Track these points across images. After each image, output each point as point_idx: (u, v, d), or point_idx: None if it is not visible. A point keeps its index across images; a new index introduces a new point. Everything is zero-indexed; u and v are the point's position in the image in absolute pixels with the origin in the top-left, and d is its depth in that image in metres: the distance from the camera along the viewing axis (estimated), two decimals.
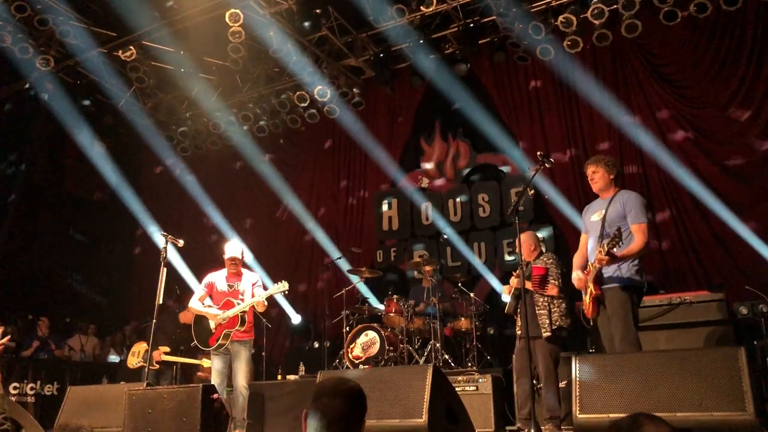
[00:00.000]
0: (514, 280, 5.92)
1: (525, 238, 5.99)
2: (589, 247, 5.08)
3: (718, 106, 8.61)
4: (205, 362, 7.81)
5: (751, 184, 8.27)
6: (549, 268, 5.69)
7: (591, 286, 4.81)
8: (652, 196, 8.82)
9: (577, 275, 5.04)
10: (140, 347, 8.57)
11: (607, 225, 4.87)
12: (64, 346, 10.69)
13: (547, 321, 5.57)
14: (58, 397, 8.64)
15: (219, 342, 6.21)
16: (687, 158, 8.60)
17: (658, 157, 8.70)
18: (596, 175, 5.09)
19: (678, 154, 8.62)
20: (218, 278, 6.56)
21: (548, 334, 5.55)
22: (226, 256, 6.53)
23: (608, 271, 4.79)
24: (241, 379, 6.19)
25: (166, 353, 8.05)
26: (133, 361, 8.49)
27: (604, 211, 4.95)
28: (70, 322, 11.51)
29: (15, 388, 8.83)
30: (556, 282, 5.67)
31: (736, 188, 8.33)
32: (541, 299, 5.64)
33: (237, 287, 6.45)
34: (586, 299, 4.89)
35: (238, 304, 6.30)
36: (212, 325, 6.31)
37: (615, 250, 4.55)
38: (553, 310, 5.62)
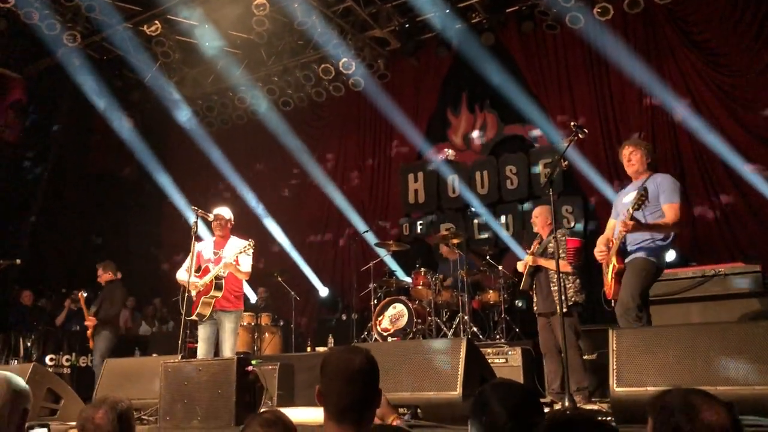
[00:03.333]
0: (529, 258, 5.87)
1: (540, 211, 5.94)
2: (616, 230, 4.88)
3: (753, 74, 8.39)
4: None
5: None
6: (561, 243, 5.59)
7: (614, 259, 4.64)
8: (683, 166, 8.68)
9: (599, 249, 4.91)
10: None
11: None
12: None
13: (563, 297, 5.53)
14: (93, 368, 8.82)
15: (198, 311, 5.89)
16: (720, 127, 8.41)
17: (691, 126, 8.51)
18: (634, 157, 4.89)
19: (711, 123, 8.42)
20: (206, 246, 6.30)
21: (564, 310, 5.51)
22: (210, 217, 6.22)
23: (632, 244, 4.62)
24: (227, 350, 5.85)
25: None
26: None
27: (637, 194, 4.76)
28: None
29: (51, 359, 9.00)
30: (570, 258, 5.63)
31: None
32: (555, 276, 5.57)
33: (221, 254, 6.10)
34: (608, 277, 4.70)
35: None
36: (193, 294, 5.99)
37: (641, 215, 4.40)
38: (567, 286, 5.58)
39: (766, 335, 3.33)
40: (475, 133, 10.69)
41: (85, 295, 8.44)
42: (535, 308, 5.91)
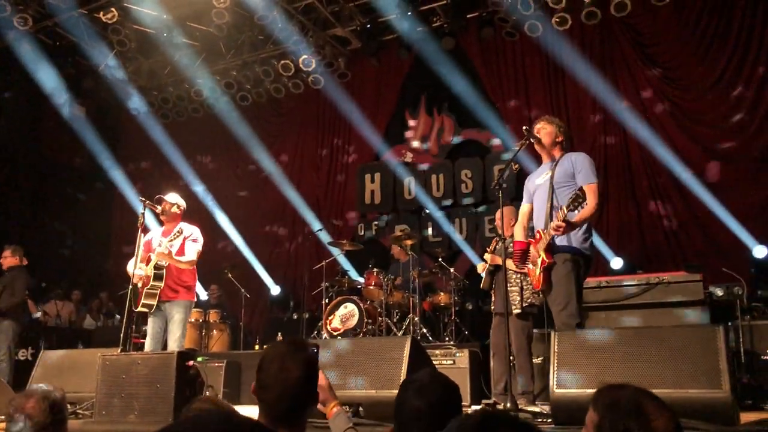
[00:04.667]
0: (488, 256, 5.90)
1: (506, 212, 5.95)
2: (535, 214, 4.73)
3: (703, 88, 8.64)
4: None
5: (734, 166, 8.32)
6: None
7: (542, 254, 4.40)
8: (633, 175, 8.87)
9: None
10: None
11: (556, 186, 4.49)
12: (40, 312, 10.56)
13: (518, 297, 5.55)
14: (33, 361, 8.48)
15: (143, 302, 5.64)
16: (670, 139, 8.62)
17: (642, 136, 8.72)
18: (543, 131, 4.65)
19: (661, 134, 8.64)
20: (155, 235, 6.05)
21: (518, 310, 5.52)
22: (158, 208, 5.94)
23: (558, 239, 4.40)
24: (173, 343, 5.63)
25: None
26: None
27: (550, 172, 4.59)
28: (45, 287, 11.35)
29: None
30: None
31: (717, 170, 8.39)
32: (514, 276, 5.56)
33: (167, 242, 5.77)
34: (536, 270, 4.48)
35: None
36: (139, 285, 5.76)
37: (577, 211, 4.18)
38: (525, 287, 5.58)
39: (702, 340, 3.40)
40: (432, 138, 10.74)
41: None
42: (492, 308, 5.91)
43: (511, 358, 5.63)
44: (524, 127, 4.75)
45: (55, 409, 2.37)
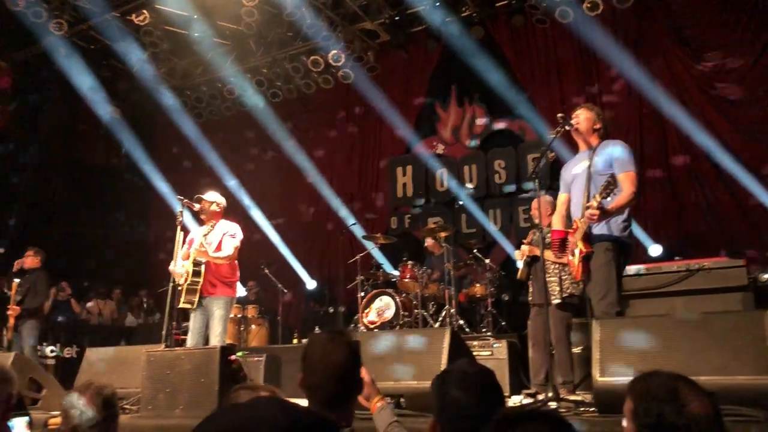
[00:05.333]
0: (525, 247, 5.86)
1: (542, 201, 5.88)
2: (573, 203, 4.67)
3: (743, 70, 8.43)
4: None
5: None
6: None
7: (580, 244, 4.33)
8: (671, 161, 8.72)
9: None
10: None
11: (593, 174, 4.41)
12: (82, 311, 10.82)
13: (557, 288, 5.50)
14: (78, 359, 8.73)
15: (184, 298, 5.73)
16: (708, 122, 8.45)
17: (679, 120, 8.53)
18: (581, 117, 4.60)
19: (699, 118, 8.45)
20: (197, 233, 6.11)
21: (558, 301, 5.47)
22: (196, 206, 6.05)
23: (596, 228, 4.33)
24: (213, 338, 5.69)
25: None
26: None
27: (588, 161, 4.52)
28: (87, 286, 11.62)
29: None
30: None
31: (757, 153, 8.20)
32: (553, 266, 5.52)
33: (206, 239, 5.91)
34: (575, 260, 4.44)
35: None
36: (181, 282, 5.82)
37: (609, 199, 4.14)
38: (564, 277, 5.53)
39: (747, 326, 3.34)
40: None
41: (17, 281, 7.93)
42: (530, 298, 5.88)
43: (550, 348, 5.61)
44: (559, 115, 4.69)
45: (108, 405, 2.43)
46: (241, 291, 10.02)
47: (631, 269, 6.31)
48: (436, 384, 2.22)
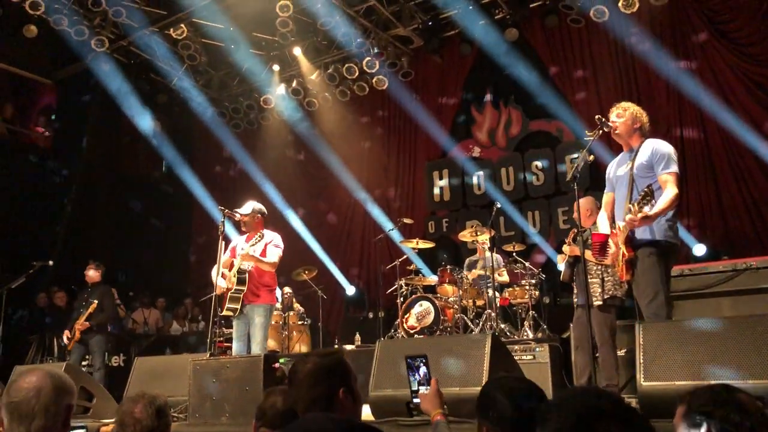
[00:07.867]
0: (567, 248, 5.81)
1: (583, 203, 5.83)
2: (617, 206, 4.62)
3: None
4: None
5: None
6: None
7: (623, 248, 4.31)
8: (713, 159, 8.54)
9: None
10: None
11: (636, 176, 4.37)
12: (128, 320, 11.06)
13: (599, 290, 5.45)
14: (124, 368, 8.93)
15: (228, 306, 5.84)
16: (751, 118, 8.26)
17: (720, 118, 8.37)
18: (619, 119, 4.57)
19: (741, 115, 8.28)
20: (240, 241, 6.23)
21: (599, 302, 5.42)
22: (237, 215, 6.17)
23: (639, 231, 4.30)
24: (255, 346, 5.77)
25: None
26: None
27: (631, 163, 4.46)
28: (132, 296, 11.87)
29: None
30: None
31: None
32: (595, 267, 5.48)
33: (252, 249, 5.98)
34: (619, 261, 4.41)
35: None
36: (224, 288, 5.93)
37: (647, 208, 4.08)
38: (606, 279, 5.47)
39: None
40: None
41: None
42: (575, 299, 5.83)
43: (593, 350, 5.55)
44: (597, 116, 4.66)
45: (160, 414, 2.49)
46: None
47: (675, 270, 6.17)
48: (481, 393, 2.25)
